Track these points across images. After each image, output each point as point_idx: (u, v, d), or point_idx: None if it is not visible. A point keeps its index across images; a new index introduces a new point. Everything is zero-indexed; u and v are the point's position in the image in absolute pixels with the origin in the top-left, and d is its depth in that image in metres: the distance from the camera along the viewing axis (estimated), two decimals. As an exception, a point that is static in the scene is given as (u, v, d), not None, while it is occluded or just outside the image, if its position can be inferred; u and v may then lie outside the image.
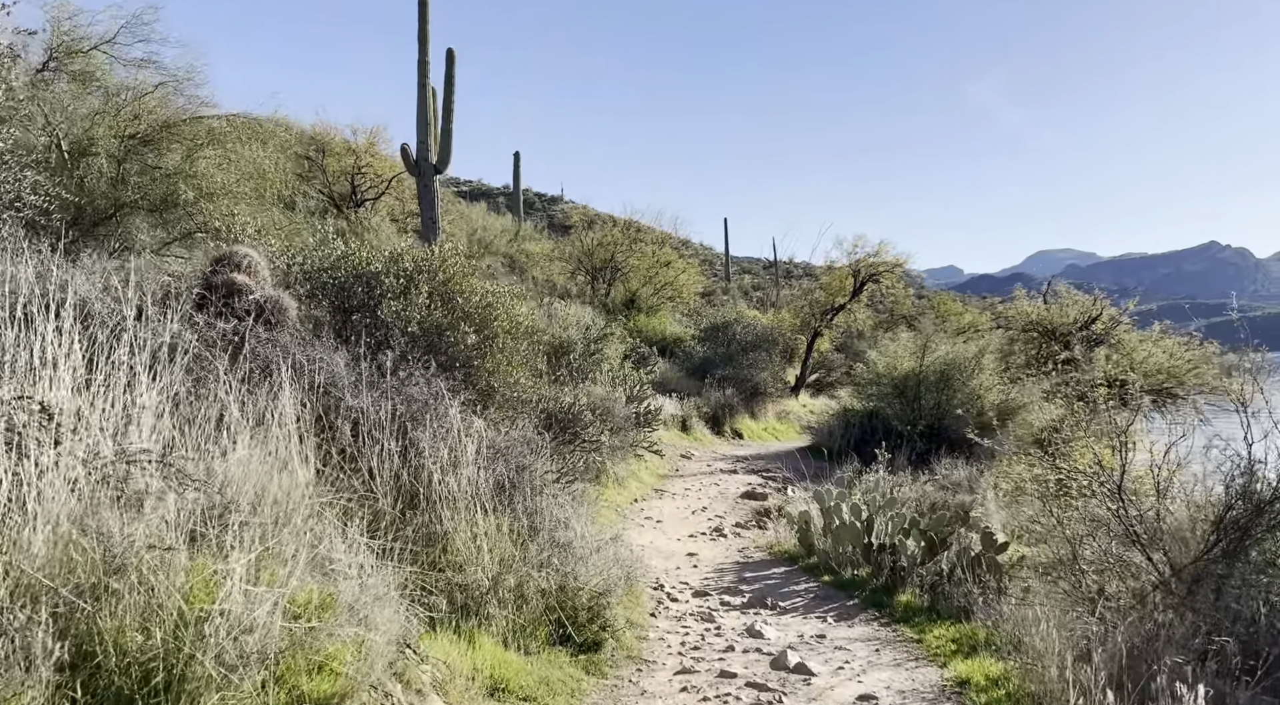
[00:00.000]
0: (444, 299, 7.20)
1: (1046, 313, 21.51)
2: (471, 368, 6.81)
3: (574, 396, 11.00)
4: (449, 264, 7.36)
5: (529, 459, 6.02)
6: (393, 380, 5.70)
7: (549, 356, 14.89)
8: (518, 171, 43.78)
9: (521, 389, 7.31)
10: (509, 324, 7.24)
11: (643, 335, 25.07)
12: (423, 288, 6.83)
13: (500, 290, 7.58)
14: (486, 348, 6.94)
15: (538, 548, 5.12)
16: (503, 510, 5.19)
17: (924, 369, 16.70)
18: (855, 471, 13.48)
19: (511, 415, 7.44)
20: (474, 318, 7.09)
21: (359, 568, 3.63)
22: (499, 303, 7.26)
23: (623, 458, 12.25)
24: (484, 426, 6.00)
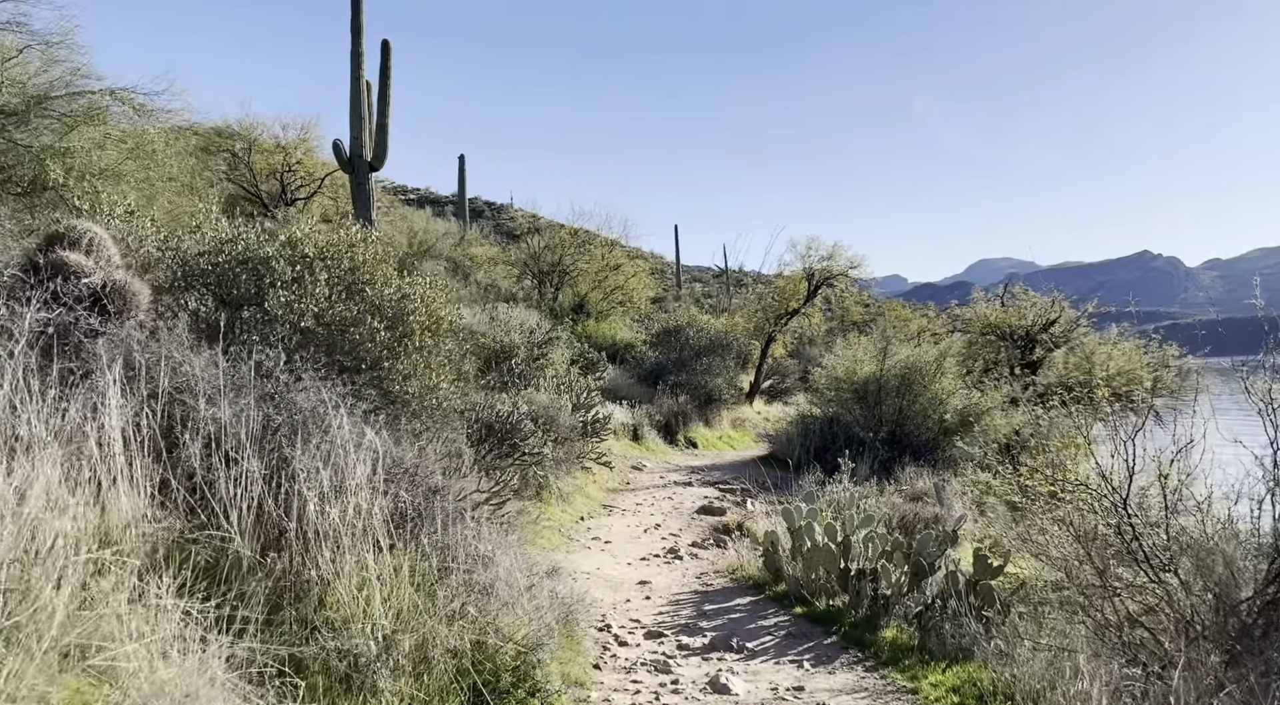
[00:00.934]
0: (350, 290, 6.09)
1: (1004, 315, 21.03)
2: (381, 370, 5.72)
3: (513, 404, 9.92)
4: (357, 250, 6.25)
5: (445, 480, 4.95)
6: (271, 385, 4.59)
7: (490, 361, 13.80)
8: (463, 175, 42.46)
9: (444, 396, 6.22)
10: (428, 319, 6.16)
11: (592, 341, 24.03)
12: (320, 275, 5.71)
13: (420, 281, 6.48)
14: (400, 347, 5.84)
15: (449, 593, 4.06)
16: (404, 547, 4.11)
17: (885, 373, 15.96)
18: (818, 482, 12.62)
19: (432, 426, 6.35)
20: (385, 312, 5.99)
21: (170, 645, 2.54)
22: (416, 295, 6.17)
23: (568, 471, 11.20)
24: (389, 441, 4.91)
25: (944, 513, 11.47)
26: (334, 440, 4.04)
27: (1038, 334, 20.76)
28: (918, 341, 18.62)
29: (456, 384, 6.67)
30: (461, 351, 7.14)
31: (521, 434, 9.46)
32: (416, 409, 5.94)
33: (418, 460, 4.73)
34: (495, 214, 67.25)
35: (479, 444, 9.10)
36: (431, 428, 6.36)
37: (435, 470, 4.87)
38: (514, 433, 9.39)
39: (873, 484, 12.57)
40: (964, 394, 16.10)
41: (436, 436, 6.29)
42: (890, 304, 48.77)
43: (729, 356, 21.50)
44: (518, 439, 9.43)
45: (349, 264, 6.14)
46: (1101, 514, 6.54)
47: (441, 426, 6.43)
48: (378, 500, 4.01)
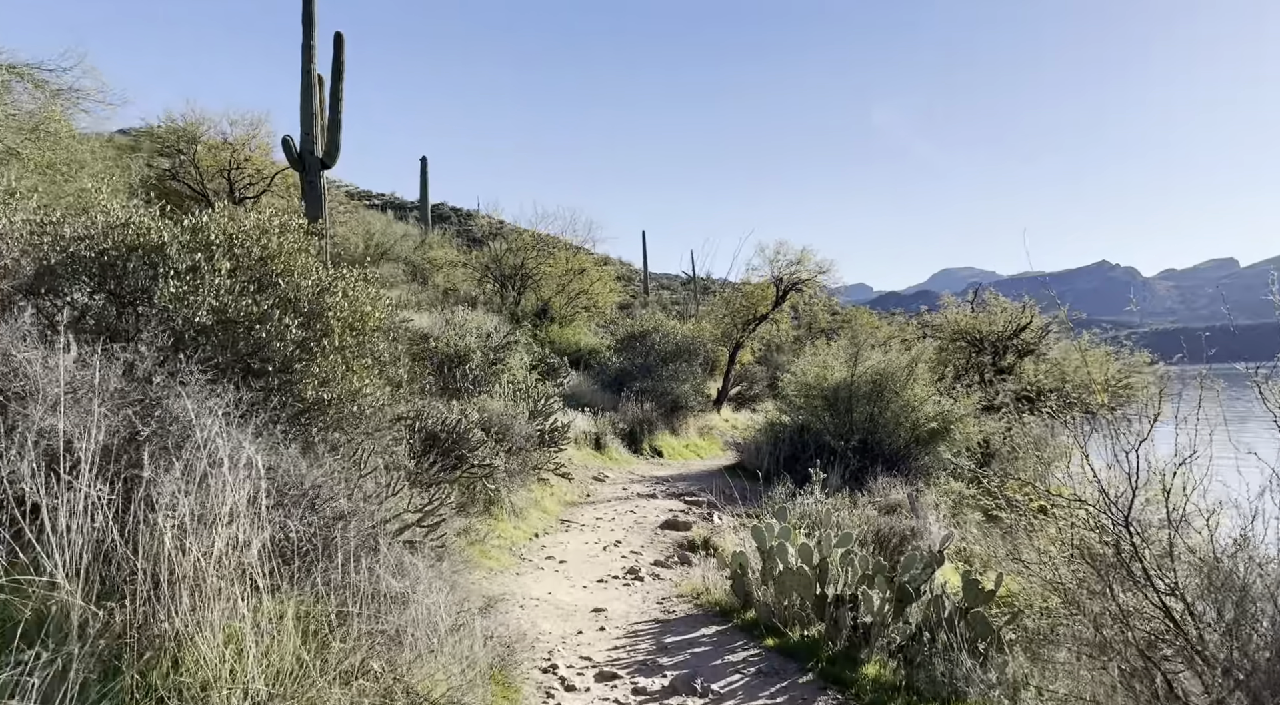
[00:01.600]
0: (262, 282, 5.33)
1: (974, 321, 20.66)
2: (292, 373, 4.95)
3: (462, 412, 9.16)
4: (270, 237, 5.48)
5: (360, 501, 4.20)
6: (142, 389, 3.82)
7: (443, 367, 13.01)
8: (425, 177, 41.52)
9: (370, 402, 5.46)
10: (351, 316, 5.40)
11: (555, 346, 23.30)
12: (221, 264, 4.94)
13: (346, 274, 5.72)
14: (316, 347, 5.08)
15: (347, 645, 3.32)
16: (292, 588, 3.37)
17: (856, 379, 15.42)
18: (788, 494, 12.00)
19: (358, 437, 5.59)
20: (300, 306, 5.23)
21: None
22: (338, 288, 5.41)
23: (523, 483, 10.45)
24: (294, 456, 4.15)
25: (920, 525, 10.90)
26: (207, 456, 3.29)
27: (1008, 340, 20.42)
28: (887, 348, 18.13)
29: (389, 389, 5.90)
30: (395, 353, 6.37)
31: (469, 444, 8.72)
32: (335, 418, 5.18)
33: (321, 480, 3.98)
34: (462, 220, 66.34)
35: (422, 456, 8.34)
36: (357, 439, 5.59)
37: (341, 492, 4.11)
38: (461, 443, 8.64)
39: (844, 495, 12.00)
40: (936, 401, 15.60)
41: (362, 449, 5.53)
42: (857, 311, 48.62)
43: (696, 363, 20.88)
44: (465, 450, 8.68)
45: (260, 253, 5.37)
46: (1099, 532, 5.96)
47: (370, 437, 5.66)
48: (260, 531, 3.26)
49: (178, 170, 22.19)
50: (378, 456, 6.04)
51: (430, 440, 8.55)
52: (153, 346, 4.08)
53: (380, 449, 6.31)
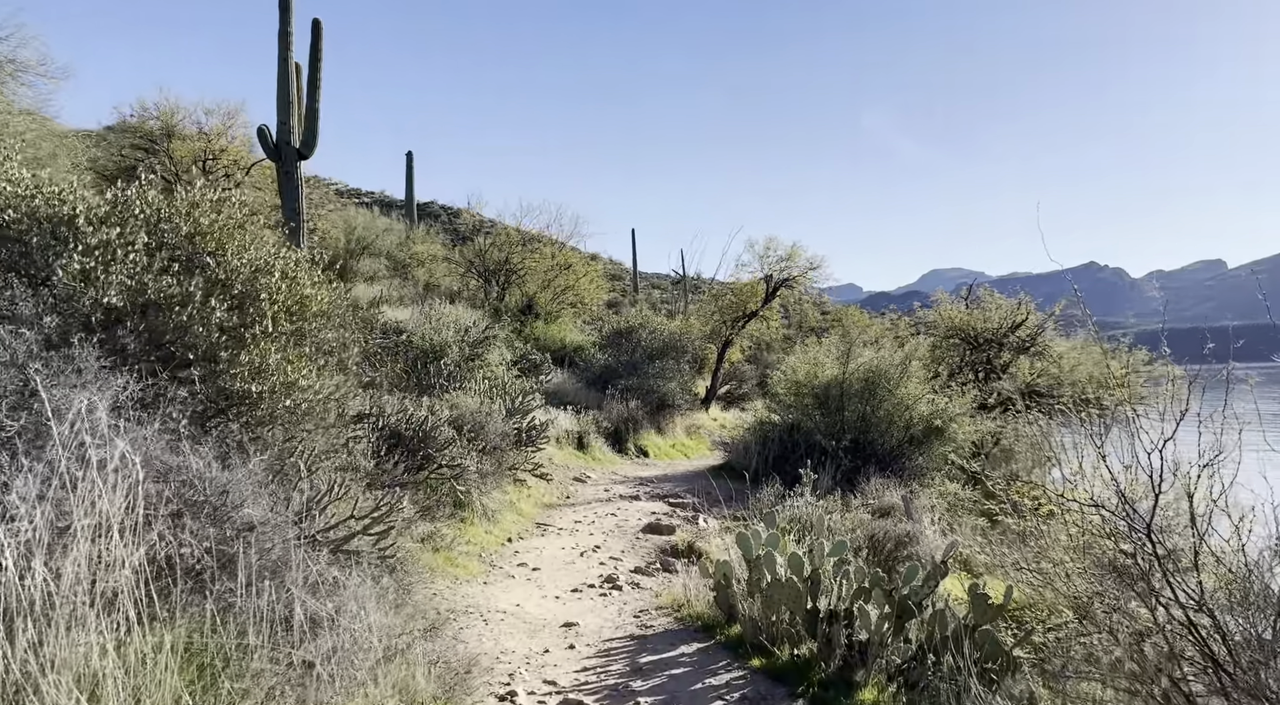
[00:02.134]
0: (191, 261, 4.75)
1: (969, 317, 20.18)
2: (217, 362, 4.38)
3: (429, 409, 8.59)
4: (201, 211, 4.90)
5: (278, 510, 3.64)
6: (13, 376, 3.26)
7: (418, 363, 12.44)
8: (410, 172, 40.85)
9: (311, 396, 4.88)
10: (290, 299, 4.83)
11: (540, 343, 22.71)
12: (137, 238, 4.35)
13: (288, 254, 5.14)
14: (247, 333, 4.51)
15: (243, 682, 2.75)
16: (175, 616, 2.80)
17: (848, 377, 14.90)
18: (777, 496, 11.48)
19: (300, 435, 5.02)
20: (232, 288, 4.65)
21: None
22: (276, 268, 4.83)
23: (498, 484, 9.88)
24: (207, 456, 3.58)
25: (916, 529, 10.40)
26: (74, 454, 2.72)
27: (1004, 337, 19.95)
28: (880, 345, 17.62)
29: (338, 382, 5.33)
30: (345, 342, 5.80)
31: (436, 443, 8.14)
32: (267, 413, 4.60)
33: (231, 484, 3.40)
34: (452, 218, 65.68)
35: (385, 456, 7.77)
36: (301, 437, 5.02)
37: (261, 497, 3.54)
38: (427, 442, 8.07)
39: (836, 497, 11.48)
40: (930, 399, 15.10)
41: (304, 448, 4.96)
42: (848, 310, 48.17)
43: (683, 360, 20.34)
44: (432, 449, 8.11)
45: (188, 229, 4.79)
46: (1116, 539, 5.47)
47: (313, 435, 5.09)
48: (135, 548, 2.69)
49: (150, 161, 21.51)
50: (324, 457, 5.48)
51: (394, 439, 7.98)
52: (37, 328, 3.51)
53: (328, 448, 5.74)
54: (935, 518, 12.58)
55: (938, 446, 15.07)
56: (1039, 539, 6.79)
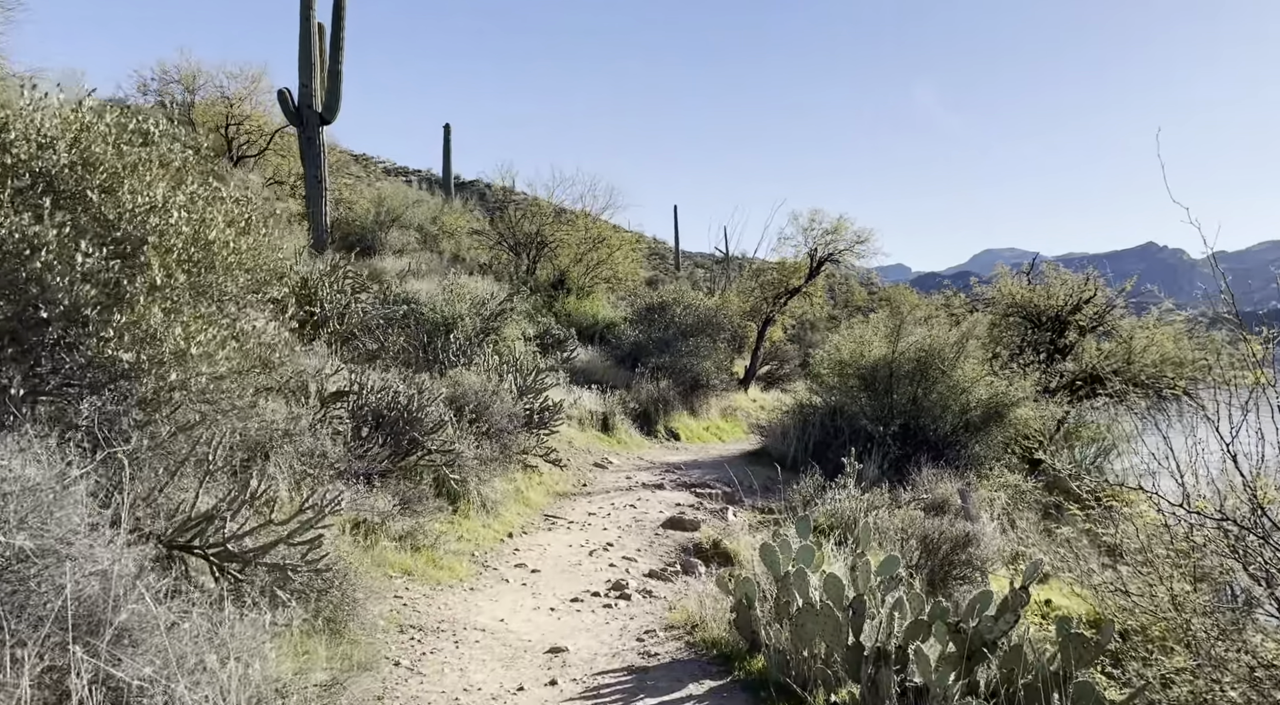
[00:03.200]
0: (74, 197, 3.76)
1: (1031, 293, 18.62)
2: (83, 324, 3.38)
3: (417, 387, 7.58)
4: (91, 138, 3.90)
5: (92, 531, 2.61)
6: None
7: (431, 336, 11.49)
8: (448, 145, 40.00)
9: (212, 368, 3.86)
10: (189, 246, 3.81)
11: (571, 319, 21.70)
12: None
13: (194, 187, 4.11)
14: (127, 286, 3.50)
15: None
16: None
17: (898, 357, 13.62)
18: (816, 487, 10.32)
19: (212, 416, 4.02)
20: (117, 230, 3.65)
21: None
22: (174, 206, 3.80)
23: (503, 471, 8.88)
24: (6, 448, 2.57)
25: (975, 530, 9.17)
26: None
27: (1069, 316, 18.37)
28: (931, 324, 16.24)
29: (253, 352, 4.30)
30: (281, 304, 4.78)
31: (424, 426, 7.13)
32: (154, 392, 3.60)
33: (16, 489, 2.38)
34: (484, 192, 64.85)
35: (367, 440, 6.79)
36: (213, 419, 4.01)
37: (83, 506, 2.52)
38: (413, 425, 7.06)
39: (883, 489, 10.27)
40: (989, 382, 13.75)
41: (206, 434, 3.95)
42: (897, 289, 46.34)
43: (720, 338, 19.13)
44: (418, 433, 7.10)
45: (70, 158, 3.79)
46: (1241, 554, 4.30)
47: (226, 417, 4.08)
48: None
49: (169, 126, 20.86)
50: (282, 442, 4.48)
51: (376, 420, 6.99)
52: None
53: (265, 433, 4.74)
54: (994, 514, 11.34)
55: (997, 433, 13.76)
56: (1132, 551, 5.59)
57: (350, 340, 9.93)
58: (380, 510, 6.18)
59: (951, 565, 8.74)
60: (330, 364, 7.90)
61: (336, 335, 9.67)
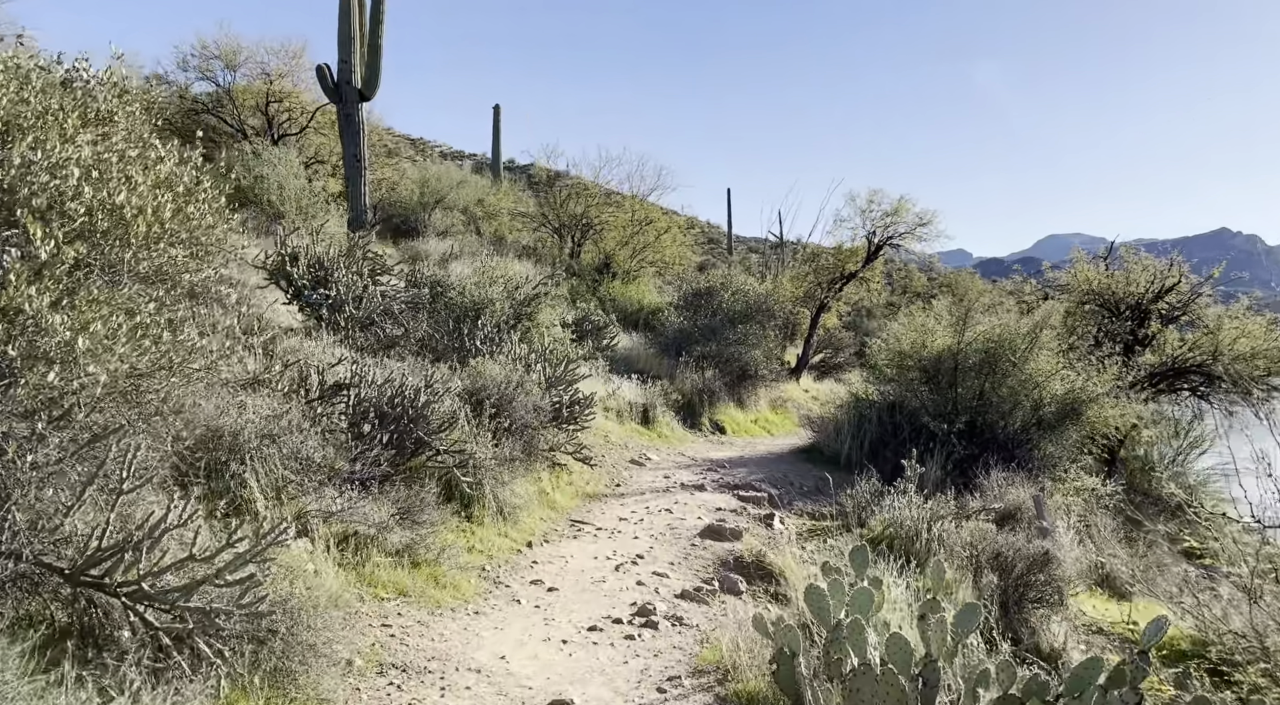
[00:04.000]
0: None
1: (1109, 279, 17.20)
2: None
3: (425, 378, 6.83)
4: None
5: None
6: None
7: (460, 322, 10.79)
8: (497, 126, 39.49)
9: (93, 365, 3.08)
10: (94, 212, 3.05)
11: (616, 305, 20.91)
12: None
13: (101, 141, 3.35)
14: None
15: None
16: None
17: (964, 347, 12.51)
18: (873, 492, 9.37)
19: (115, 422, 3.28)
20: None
21: None
22: (73, 158, 3.05)
23: (527, 470, 8.13)
24: None
25: (1052, 546, 8.14)
26: None
27: (1150, 304, 16.92)
28: (998, 311, 15.02)
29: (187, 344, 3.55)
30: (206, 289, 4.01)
31: (430, 424, 6.39)
32: (36, 396, 2.86)
33: None
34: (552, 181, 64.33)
35: (368, 440, 6.07)
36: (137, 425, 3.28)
37: None
38: (418, 422, 6.32)
39: (947, 495, 9.26)
40: (1064, 375, 12.57)
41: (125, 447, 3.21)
42: (959, 275, 44.47)
43: (770, 325, 18.10)
44: (424, 431, 6.35)
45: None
46: None
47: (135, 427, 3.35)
48: None
49: (212, 104, 20.55)
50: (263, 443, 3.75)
51: (377, 416, 6.26)
52: None
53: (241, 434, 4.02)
54: (1070, 523, 10.26)
55: (1072, 432, 12.59)
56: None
57: (370, 326, 9.26)
58: (375, 521, 5.45)
59: (1027, 587, 7.74)
60: (334, 353, 7.20)
61: (354, 321, 9.00)
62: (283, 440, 5.36)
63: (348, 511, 5.28)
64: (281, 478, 5.16)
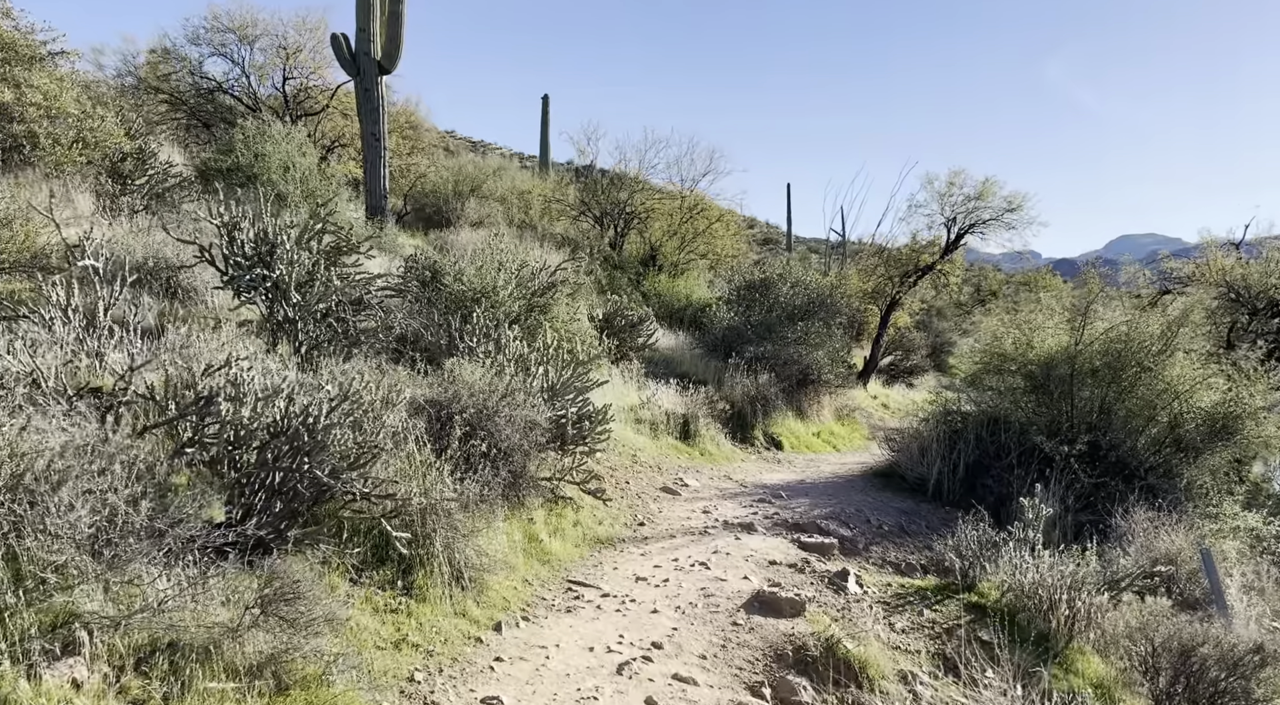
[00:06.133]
0: None
1: (1245, 270, 14.40)
2: None
3: (316, 385, 4.71)
4: None
5: None
6: None
7: (454, 314, 8.75)
8: (545, 116, 37.67)
9: None
10: None
11: (662, 300, 18.74)
12: None
13: None
14: None
15: None
16: None
17: (1083, 349, 10.01)
18: (982, 542, 6.99)
19: None
20: None
21: None
22: None
23: (511, 511, 6.01)
24: None
25: (1234, 637, 5.68)
26: None
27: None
28: (1120, 303, 12.40)
29: None
30: None
31: (320, 455, 4.28)
32: None
33: None
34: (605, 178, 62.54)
35: (236, 479, 3.99)
36: None
37: None
38: (314, 455, 4.21)
39: (1089, 550, 6.80)
40: (1211, 383, 9.99)
41: None
42: (1038, 274, 41.07)
43: (835, 322, 15.68)
44: (321, 469, 4.24)
45: None
46: None
47: None
48: None
49: (227, 82, 18.99)
50: None
51: (258, 449, 4.17)
52: None
53: None
54: (1244, 580, 7.80)
55: (1222, 455, 9.99)
56: None
57: (327, 319, 7.24)
58: (209, 623, 3.37)
59: (1221, 695, 5.32)
60: (237, 351, 5.14)
61: (305, 311, 6.99)
62: (71, 487, 3.33)
63: (157, 611, 3.20)
64: (44, 562, 3.11)
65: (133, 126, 12.05)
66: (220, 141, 15.03)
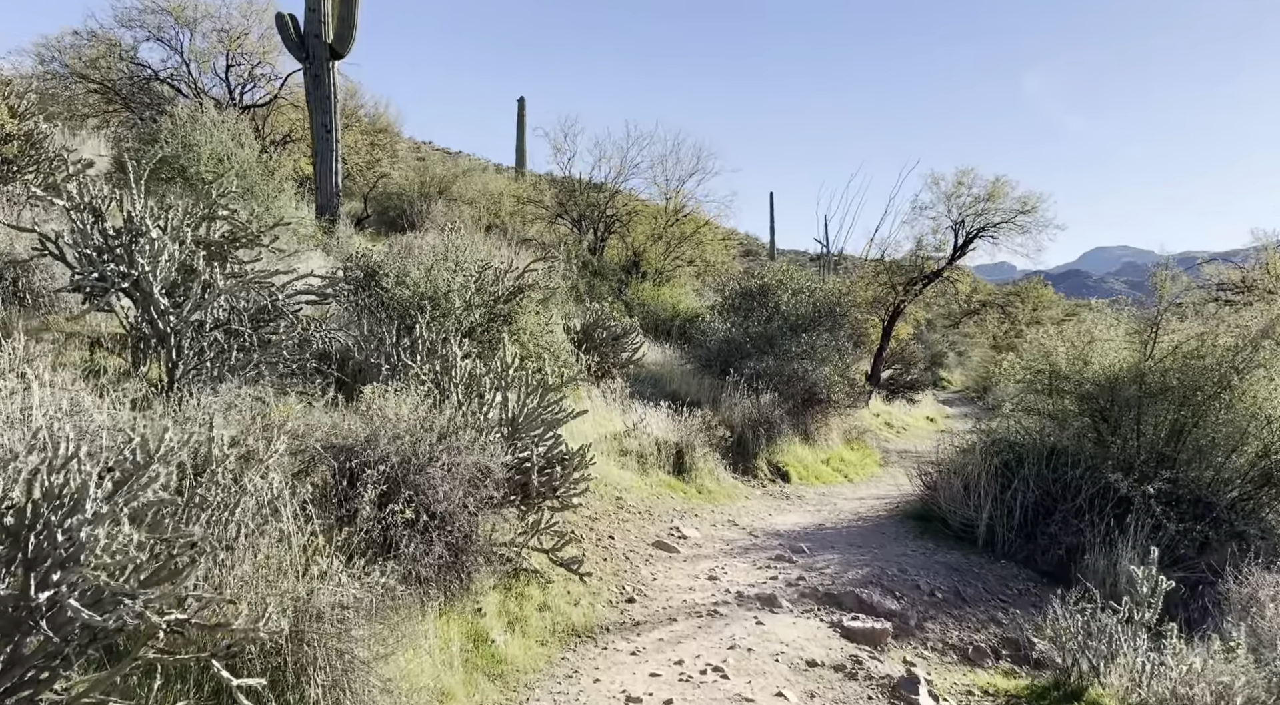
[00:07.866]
0: None
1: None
2: None
3: (155, 435, 2.89)
4: None
5: None
6: None
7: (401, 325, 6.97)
8: (521, 119, 35.94)
9: None
10: None
11: (647, 310, 17.02)
12: None
13: None
14: None
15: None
16: None
17: (1154, 367, 8.38)
18: (1090, 630, 5.25)
19: None
20: None
21: None
22: None
23: (448, 602, 4.21)
24: None
25: None
26: None
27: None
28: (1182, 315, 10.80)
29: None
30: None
31: (75, 579, 2.43)
32: None
33: None
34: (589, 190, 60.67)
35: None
36: None
37: None
38: (37, 562, 2.37)
39: (1208, 639, 5.11)
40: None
41: None
42: (1030, 285, 39.72)
43: (841, 333, 14.00)
44: (67, 597, 2.40)
45: None
46: None
47: None
48: None
49: (165, 70, 17.09)
50: None
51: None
52: None
53: None
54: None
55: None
56: None
57: (218, 332, 5.42)
58: None
59: None
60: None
61: (180, 320, 5.17)
62: None
63: None
64: None
65: (23, 106, 10.18)
66: (142, 130, 13.19)
